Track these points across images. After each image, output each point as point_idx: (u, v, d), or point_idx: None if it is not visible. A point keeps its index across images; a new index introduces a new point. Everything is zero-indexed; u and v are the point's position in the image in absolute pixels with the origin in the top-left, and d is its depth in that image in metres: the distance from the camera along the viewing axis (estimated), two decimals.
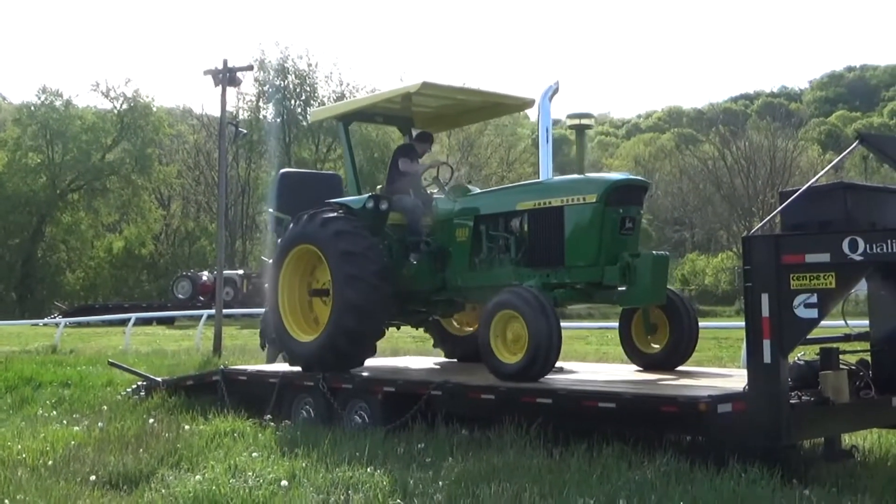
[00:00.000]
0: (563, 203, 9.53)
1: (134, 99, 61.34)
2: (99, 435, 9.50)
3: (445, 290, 10.78)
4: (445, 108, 12.11)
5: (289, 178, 13.13)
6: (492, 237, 10.36)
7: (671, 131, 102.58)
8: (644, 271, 9.07)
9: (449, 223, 10.69)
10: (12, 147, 60.31)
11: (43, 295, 58.76)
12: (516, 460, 7.47)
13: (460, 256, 10.55)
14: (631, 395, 7.94)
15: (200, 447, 8.74)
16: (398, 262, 10.90)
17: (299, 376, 10.72)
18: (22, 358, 19.94)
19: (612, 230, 9.27)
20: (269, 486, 7.07)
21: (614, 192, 9.31)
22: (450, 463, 7.55)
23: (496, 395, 8.85)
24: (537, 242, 9.81)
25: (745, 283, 7.43)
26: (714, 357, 20.22)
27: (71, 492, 7.18)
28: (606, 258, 9.27)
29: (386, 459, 7.84)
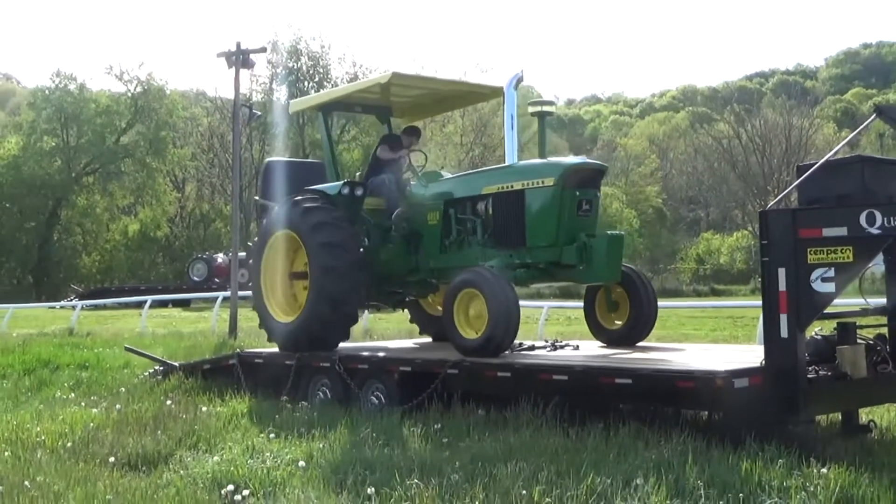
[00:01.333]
0: (524, 187, 10.04)
1: (148, 82, 61.30)
2: (117, 417, 9.56)
3: (419, 271, 11.35)
4: (421, 98, 12.57)
5: (274, 166, 13.43)
6: (460, 220, 10.87)
7: (685, 110, 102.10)
8: (600, 251, 9.64)
9: (421, 207, 11.21)
10: (27, 131, 60.45)
11: (59, 278, 58.98)
12: (533, 440, 7.48)
13: (432, 239, 11.09)
14: (647, 371, 7.93)
15: (218, 428, 8.79)
16: (375, 246, 11.42)
17: (315, 357, 10.75)
18: (39, 341, 20.04)
19: (569, 212, 9.75)
20: (287, 467, 7.12)
21: (571, 176, 9.80)
22: (466, 443, 7.58)
23: (512, 373, 8.87)
24: (501, 224, 10.33)
25: (762, 258, 7.44)
26: (730, 336, 20.24)
27: (90, 473, 7.20)
28: (565, 239, 9.76)
29: (403, 439, 7.86)
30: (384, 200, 11.64)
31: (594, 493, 5.99)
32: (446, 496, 6.09)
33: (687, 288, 58.86)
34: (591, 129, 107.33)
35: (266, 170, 13.33)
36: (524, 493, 5.98)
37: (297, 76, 60.78)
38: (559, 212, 9.75)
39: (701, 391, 7.37)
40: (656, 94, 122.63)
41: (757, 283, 62.18)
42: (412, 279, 11.57)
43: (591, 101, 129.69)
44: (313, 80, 61.50)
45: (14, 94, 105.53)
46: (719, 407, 7.75)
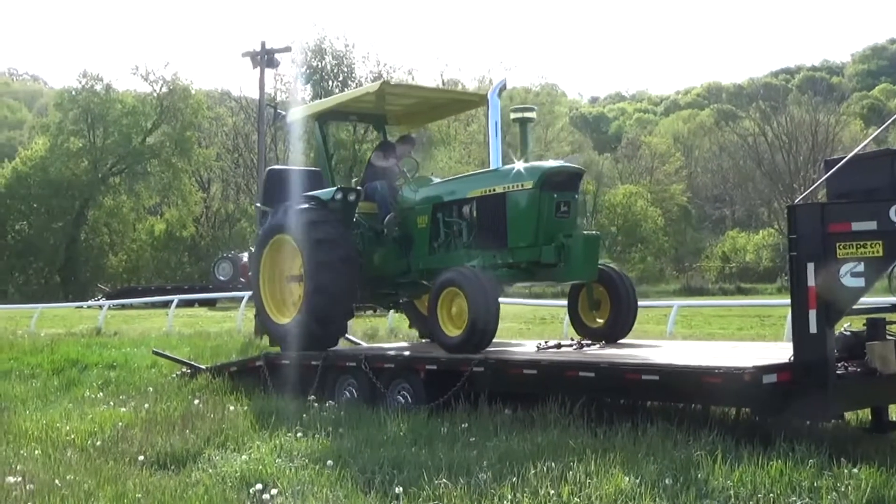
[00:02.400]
0: (506, 190, 10.47)
1: (173, 82, 61.66)
2: (146, 416, 9.62)
3: (410, 272, 11.72)
4: (413, 106, 12.97)
5: (274, 174, 13.83)
6: (447, 223, 11.31)
7: (710, 107, 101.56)
8: (576, 250, 10.04)
9: (412, 211, 11.66)
10: (54, 132, 60.91)
11: (86, 278, 59.43)
12: (560, 439, 7.47)
13: (421, 241, 11.50)
14: (675, 367, 7.90)
15: (245, 428, 8.83)
16: (370, 249, 11.81)
17: (342, 357, 10.78)
18: (67, 341, 20.15)
19: (548, 213, 10.17)
20: (315, 466, 7.12)
21: (549, 179, 10.23)
22: (494, 442, 7.56)
23: (539, 370, 8.86)
24: (484, 226, 10.79)
25: (791, 253, 7.41)
26: (756, 335, 20.13)
27: (120, 472, 7.25)
28: (544, 239, 10.17)
29: (430, 439, 7.86)
30: (377, 205, 12.02)
31: (623, 493, 5.98)
32: (475, 496, 6.09)
33: (713, 286, 58.55)
34: (616, 127, 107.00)
35: (268, 177, 13.77)
36: (553, 492, 5.98)
37: (322, 75, 60.83)
38: (538, 213, 10.17)
39: (728, 387, 7.34)
40: (681, 92, 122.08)
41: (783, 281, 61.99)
42: (404, 280, 11.95)
43: (614, 99, 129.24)
44: (337, 80, 61.55)
45: (41, 95, 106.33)
46: (747, 403, 7.72)
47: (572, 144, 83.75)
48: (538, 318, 27.39)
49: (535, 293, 54.94)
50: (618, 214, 73.48)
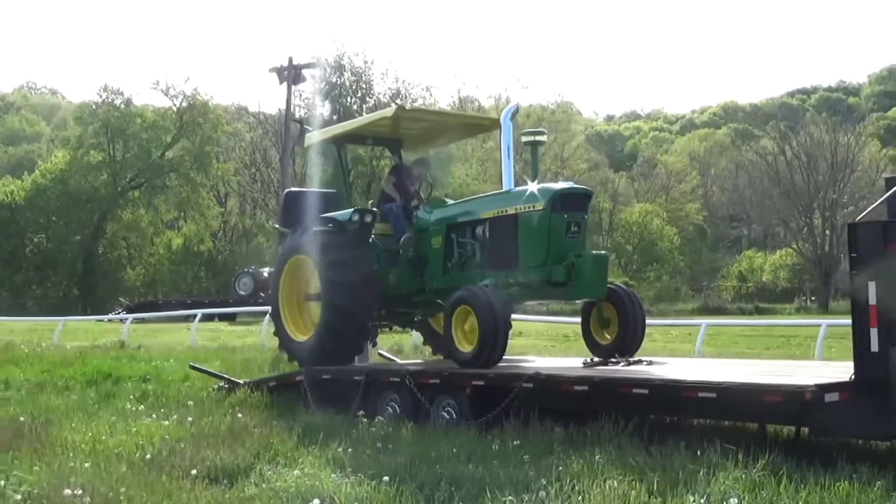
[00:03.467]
0: (517, 211, 10.75)
1: (193, 97, 61.85)
2: (193, 430, 9.59)
3: (424, 292, 12.01)
4: (428, 130, 13.29)
5: (292, 196, 14.29)
6: (461, 243, 11.60)
7: (727, 126, 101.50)
8: (585, 269, 10.28)
9: (426, 232, 11.96)
10: (74, 145, 61.14)
11: (104, 291, 59.55)
12: (618, 458, 7.40)
13: (436, 261, 11.78)
14: (733, 385, 7.81)
15: (294, 443, 8.78)
16: (385, 268, 12.05)
17: (385, 373, 10.75)
18: (94, 353, 20.20)
19: (558, 234, 10.42)
20: (371, 482, 7.07)
21: (560, 200, 10.49)
22: (550, 459, 7.50)
23: (590, 386, 8.79)
24: (497, 246, 11.06)
25: (851, 271, 7.38)
26: (786, 354, 20.00)
27: (174, 486, 7.21)
28: (554, 258, 10.41)
29: (484, 456, 7.81)
30: (392, 226, 12.34)
31: None
32: None
33: (731, 306, 58.36)
34: (631, 146, 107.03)
35: (286, 199, 14.23)
36: None
37: (340, 91, 60.96)
38: (549, 234, 10.42)
39: (789, 406, 7.28)
40: (696, 111, 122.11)
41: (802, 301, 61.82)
42: (418, 299, 12.25)
43: (630, 118, 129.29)
44: (356, 96, 61.66)
45: (59, 109, 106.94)
46: (807, 422, 7.65)
47: (588, 162, 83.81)
48: (561, 335, 27.31)
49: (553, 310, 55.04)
50: (633, 233, 73.45)
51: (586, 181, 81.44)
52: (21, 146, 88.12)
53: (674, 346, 23.12)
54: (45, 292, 59.97)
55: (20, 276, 59.86)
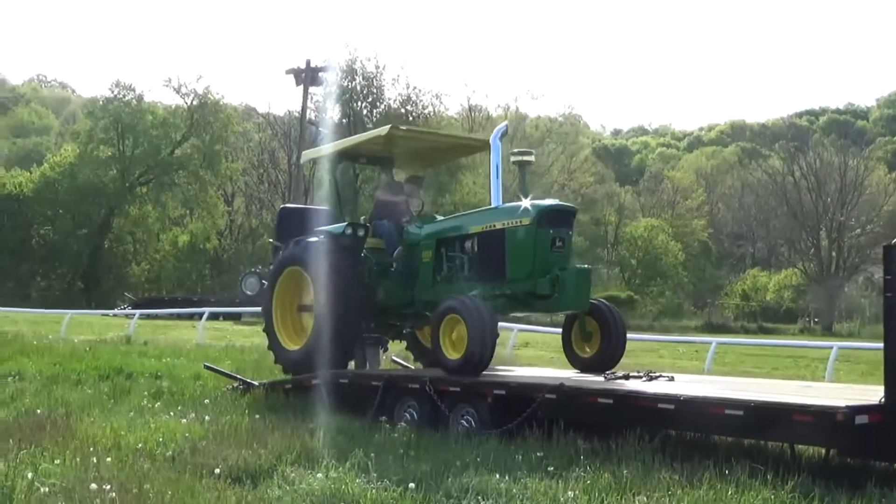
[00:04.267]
0: (505, 226, 11.11)
1: (204, 95, 61.91)
2: (212, 428, 9.57)
3: (414, 304, 12.31)
4: (420, 150, 13.71)
5: (287, 212, 14.95)
6: (450, 257, 11.93)
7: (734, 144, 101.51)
8: (569, 282, 10.67)
9: (417, 246, 12.30)
10: (84, 139, 61.17)
11: (108, 285, 59.53)
12: (645, 473, 7.37)
13: (426, 274, 12.11)
14: (761, 403, 7.77)
15: (315, 445, 8.74)
16: (377, 282, 12.38)
17: (404, 379, 10.74)
18: (103, 348, 20.17)
19: (544, 248, 10.78)
20: (398, 489, 7.05)
21: (546, 216, 10.87)
22: (577, 472, 7.47)
23: (615, 400, 8.76)
24: (485, 260, 11.40)
25: (885, 293, 7.35)
26: (795, 376, 19.94)
27: (198, 485, 7.19)
28: (539, 272, 10.77)
29: (508, 466, 7.78)
30: (385, 241, 12.68)
31: None
32: None
33: (735, 324, 58.27)
34: (638, 161, 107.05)
35: (280, 215, 14.77)
36: None
37: (351, 96, 61.01)
38: (535, 248, 10.79)
39: (819, 426, 7.26)
40: (704, 128, 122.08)
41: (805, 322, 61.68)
42: (408, 311, 12.53)
43: (637, 133, 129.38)
44: (366, 101, 61.72)
45: (69, 103, 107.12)
46: (836, 443, 7.62)
47: (595, 176, 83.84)
48: None
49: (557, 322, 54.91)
50: (638, 247, 73.41)
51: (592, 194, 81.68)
52: (30, 138, 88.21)
53: (682, 363, 23.09)
54: (50, 284, 59.97)
55: (25, 267, 59.80)
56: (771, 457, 7.96)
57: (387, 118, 59.79)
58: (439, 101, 62.20)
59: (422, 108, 60.91)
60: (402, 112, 60.07)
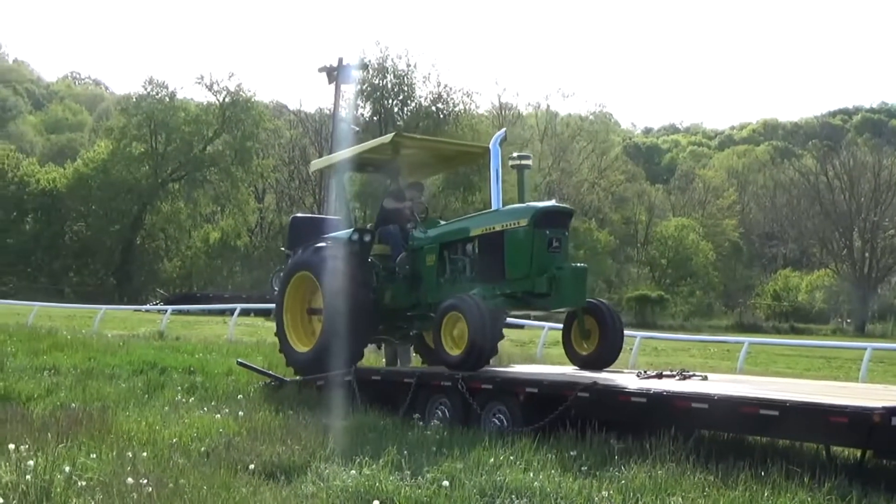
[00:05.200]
0: (504, 228, 11.41)
1: (236, 93, 62.28)
2: (246, 424, 9.61)
3: (419, 306, 12.55)
4: (424, 157, 14.13)
5: (298, 221, 15.50)
6: (453, 260, 12.26)
7: (766, 143, 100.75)
8: (566, 281, 10.94)
9: (421, 251, 12.56)
10: (118, 136, 61.73)
11: (140, 281, 60.02)
12: (679, 473, 7.33)
13: (430, 277, 12.39)
14: (796, 404, 7.70)
15: (349, 442, 8.76)
16: (383, 286, 12.71)
17: (436, 376, 10.75)
18: (136, 343, 20.29)
19: (540, 248, 11.07)
20: (431, 486, 7.05)
21: (542, 217, 11.18)
22: (610, 472, 7.45)
23: (648, 399, 8.72)
24: (485, 261, 11.69)
25: None
26: (829, 377, 19.81)
27: (233, 480, 7.24)
28: (537, 271, 11.05)
29: (542, 465, 7.76)
30: (390, 246, 13.03)
31: None
32: None
33: (766, 324, 57.93)
34: (668, 159, 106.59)
35: (291, 224, 15.31)
36: None
37: (382, 93, 61.15)
38: (532, 248, 11.09)
39: (856, 428, 7.20)
40: (736, 127, 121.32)
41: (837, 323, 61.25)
42: (414, 314, 12.72)
43: (668, 131, 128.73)
44: (397, 98, 61.87)
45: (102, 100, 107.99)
46: (872, 445, 7.56)
47: (625, 174, 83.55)
48: None
49: None
50: (668, 247, 73.14)
51: (622, 192, 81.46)
52: (64, 134, 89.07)
53: (713, 362, 22.98)
54: (83, 280, 60.57)
55: (59, 262, 60.43)
56: (806, 458, 7.91)
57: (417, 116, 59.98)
58: (470, 99, 62.27)
59: (452, 106, 60.98)
60: (432, 110, 60.18)
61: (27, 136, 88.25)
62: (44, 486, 6.55)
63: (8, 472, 6.91)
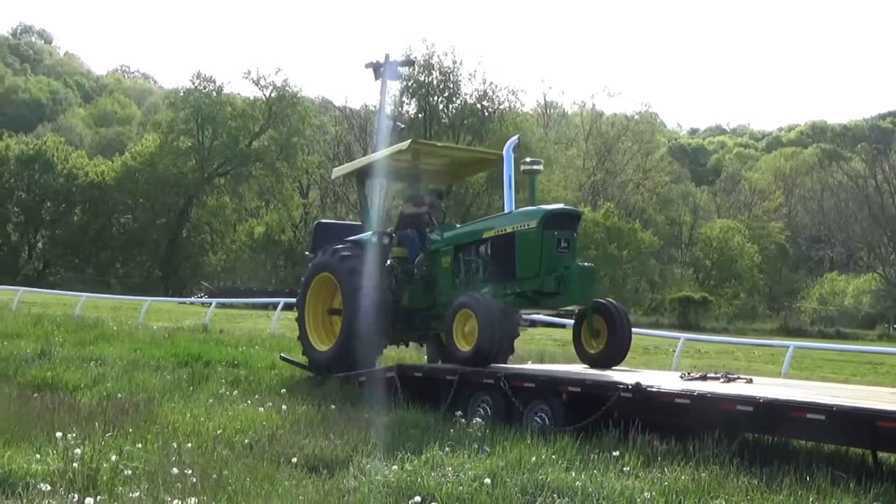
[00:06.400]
0: (515, 229, 11.87)
1: (283, 88, 62.65)
2: (289, 418, 9.68)
3: (435, 307, 13.00)
4: (442, 164, 14.51)
5: (322, 226, 16.21)
6: (467, 261, 12.74)
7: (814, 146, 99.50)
8: (573, 280, 11.35)
9: (437, 253, 13.11)
10: (165, 130, 62.42)
11: (185, 274, 60.61)
12: (723, 476, 7.27)
13: (445, 279, 12.93)
14: (843, 408, 7.63)
15: (390, 438, 8.80)
16: (401, 287, 13.15)
17: (478, 374, 10.76)
18: (181, 335, 20.48)
19: (549, 249, 11.49)
20: (472, 483, 7.05)
21: (551, 219, 11.61)
22: (654, 473, 7.41)
23: (692, 401, 8.67)
24: (497, 261, 12.14)
25: None
26: (875, 382, 19.53)
27: (276, 473, 7.29)
28: (546, 270, 11.46)
29: (584, 464, 7.74)
30: (408, 250, 13.39)
31: None
32: None
33: (811, 328, 57.26)
34: (714, 161, 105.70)
35: (316, 229, 15.93)
36: None
37: (427, 90, 61.22)
38: (541, 249, 11.50)
39: None
40: (784, 128, 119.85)
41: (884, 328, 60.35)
42: (430, 314, 13.20)
43: (715, 132, 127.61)
44: (442, 95, 61.89)
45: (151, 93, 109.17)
46: None
47: (670, 175, 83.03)
48: (641, 347, 27.08)
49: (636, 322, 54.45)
50: (713, 248, 72.49)
51: (667, 193, 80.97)
52: (112, 128, 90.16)
53: (757, 366, 22.73)
54: (129, 272, 61.30)
55: (106, 254, 61.16)
56: (852, 463, 7.81)
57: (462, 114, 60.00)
58: (515, 97, 62.15)
59: (497, 104, 60.90)
60: (477, 108, 60.17)
61: (76, 129, 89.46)
62: (90, 474, 6.63)
63: (56, 460, 7.04)
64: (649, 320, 57.02)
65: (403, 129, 33.39)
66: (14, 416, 8.78)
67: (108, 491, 6.45)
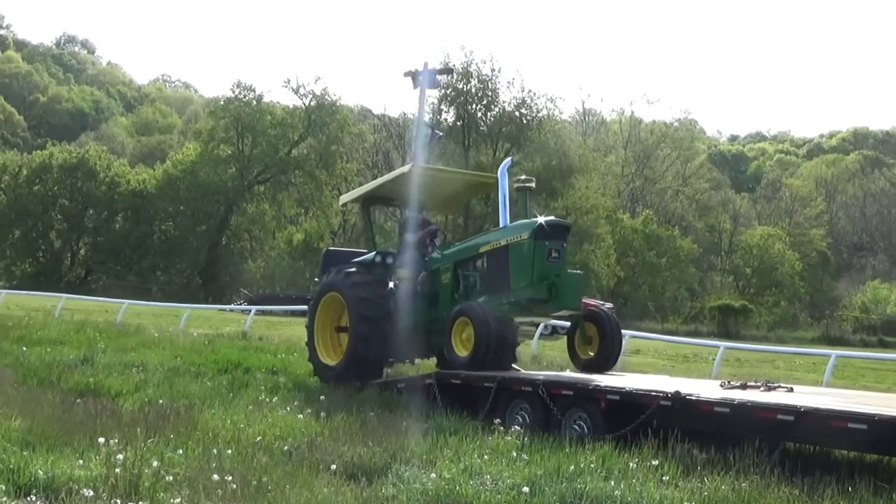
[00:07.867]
0: (508, 242, 12.67)
1: (322, 97, 62.97)
2: (328, 425, 9.72)
3: (437, 321, 13.61)
4: (440, 190, 15.43)
5: (330, 254, 16.96)
6: (465, 276, 13.54)
7: (856, 153, 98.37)
8: (563, 286, 12.04)
9: (437, 271, 13.94)
10: (206, 138, 62.92)
11: (225, 281, 61.02)
12: (764, 486, 7.21)
13: (446, 294, 13.72)
14: (885, 418, 7.53)
15: (429, 445, 8.81)
16: (405, 305, 13.84)
17: (517, 381, 10.75)
18: (221, 342, 20.66)
19: (541, 258, 12.18)
20: (510, 492, 7.06)
21: (542, 231, 12.29)
22: (693, 483, 7.37)
23: (731, 409, 8.61)
24: (493, 273, 12.96)
25: None
26: None
27: (315, 480, 7.32)
28: (538, 279, 12.15)
29: (623, 473, 7.71)
30: (411, 269, 14.11)
31: None
32: None
33: (853, 337, 56.60)
34: (755, 167, 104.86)
35: (324, 256, 16.67)
36: None
37: (466, 98, 61.11)
38: (533, 259, 12.20)
39: None
40: (825, 135, 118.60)
41: None
42: (433, 328, 13.77)
43: (755, 139, 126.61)
44: (481, 103, 61.73)
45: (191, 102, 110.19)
46: None
47: (710, 182, 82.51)
48: (681, 355, 26.95)
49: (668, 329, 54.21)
50: (753, 255, 71.90)
51: (707, 201, 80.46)
52: (154, 136, 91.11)
53: (798, 374, 22.53)
54: (170, 279, 61.86)
55: (147, 261, 61.73)
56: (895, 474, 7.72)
57: (500, 121, 59.89)
58: (553, 104, 61.80)
59: (536, 112, 60.67)
60: (516, 115, 60.03)
61: (118, 138, 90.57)
62: (132, 480, 6.69)
63: (98, 465, 7.12)
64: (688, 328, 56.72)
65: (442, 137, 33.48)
66: (57, 421, 8.87)
67: (150, 497, 6.52)
